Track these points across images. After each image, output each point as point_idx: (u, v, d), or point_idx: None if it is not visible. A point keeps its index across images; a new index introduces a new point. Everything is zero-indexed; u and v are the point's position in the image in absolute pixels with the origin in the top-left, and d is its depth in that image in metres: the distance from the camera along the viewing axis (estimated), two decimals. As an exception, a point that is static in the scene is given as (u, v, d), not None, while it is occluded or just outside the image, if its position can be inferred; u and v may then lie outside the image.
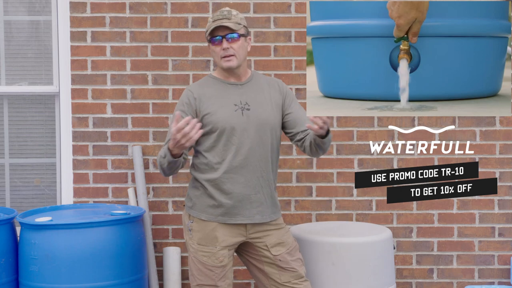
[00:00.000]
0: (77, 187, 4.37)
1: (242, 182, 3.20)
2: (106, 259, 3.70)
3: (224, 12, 3.22)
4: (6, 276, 3.82)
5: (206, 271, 3.20)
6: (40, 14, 4.47)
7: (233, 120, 3.20)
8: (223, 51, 3.20)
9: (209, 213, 3.22)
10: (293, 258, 3.29)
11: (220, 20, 3.20)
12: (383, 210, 4.41)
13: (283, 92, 3.38)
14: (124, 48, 4.34)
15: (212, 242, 3.21)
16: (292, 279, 3.26)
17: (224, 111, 3.20)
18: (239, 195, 3.20)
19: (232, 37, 3.20)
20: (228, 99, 3.24)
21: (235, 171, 3.19)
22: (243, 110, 3.23)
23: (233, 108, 3.22)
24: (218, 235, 3.20)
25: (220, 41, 3.20)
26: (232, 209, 3.20)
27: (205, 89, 3.26)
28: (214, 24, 3.20)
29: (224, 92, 3.26)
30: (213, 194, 3.20)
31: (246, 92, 3.28)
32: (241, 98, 3.25)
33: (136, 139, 4.36)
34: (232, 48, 3.20)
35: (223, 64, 3.22)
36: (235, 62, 3.22)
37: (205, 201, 3.22)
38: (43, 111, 4.48)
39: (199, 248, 3.22)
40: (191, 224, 3.26)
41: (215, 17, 3.22)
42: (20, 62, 4.49)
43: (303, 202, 4.39)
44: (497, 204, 4.42)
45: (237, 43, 3.21)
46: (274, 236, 3.28)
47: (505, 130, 4.40)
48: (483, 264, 4.43)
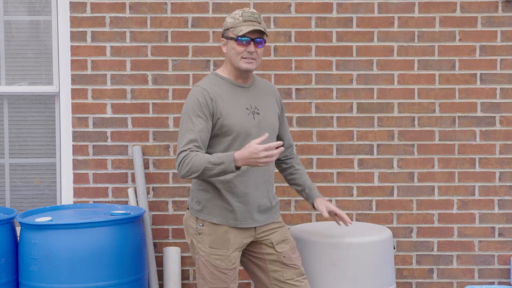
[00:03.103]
0: (77, 187, 4.37)
1: (252, 186, 3.20)
2: (106, 259, 3.70)
3: (255, 14, 3.18)
4: (6, 276, 3.82)
5: (219, 274, 3.19)
6: (40, 14, 4.47)
7: (247, 124, 3.18)
8: (247, 53, 3.15)
9: (222, 216, 3.20)
10: (295, 255, 3.32)
11: (253, 22, 3.15)
12: (383, 210, 4.41)
13: (279, 102, 3.41)
14: (124, 48, 4.34)
15: (225, 245, 3.19)
16: (295, 276, 3.27)
17: (238, 114, 3.18)
18: (249, 198, 3.19)
19: (259, 42, 3.17)
20: (240, 102, 3.21)
21: (247, 174, 3.18)
22: (254, 114, 3.22)
23: (246, 112, 3.20)
24: (230, 238, 3.19)
25: (248, 43, 3.15)
26: (242, 213, 3.20)
27: (218, 89, 3.20)
28: (248, 26, 3.13)
29: (235, 94, 3.22)
30: (226, 196, 3.18)
31: (253, 95, 3.27)
32: (250, 102, 3.24)
33: (136, 139, 4.36)
34: (256, 53, 3.17)
35: (242, 64, 3.17)
36: (254, 65, 3.19)
37: (216, 204, 3.20)
38: (43, 111, 4.48)
39: (212, 251, 3.20)
40: (201, 227, 3.22)
41: (246, 17, 3.16)
42: (20, 62, 4.49)
43: (303, 202, 4.39)
44: (497, 204, 4.42)
45: (260, 49, 3.19)
46: (278, 233, 3.30)
47: (505, 130, 4.40)
48: (483, 264, 4.43)
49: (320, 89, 4.37)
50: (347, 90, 4.37)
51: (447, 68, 4.37)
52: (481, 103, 4.39)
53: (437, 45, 4.36)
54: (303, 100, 4.37)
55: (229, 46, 3.19)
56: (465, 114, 4.39)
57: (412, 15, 4.36)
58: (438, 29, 4.36)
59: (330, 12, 4.35)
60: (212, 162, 2.99)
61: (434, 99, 4.38)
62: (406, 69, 4.37)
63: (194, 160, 3.02)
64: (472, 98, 4.39)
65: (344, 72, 4.37)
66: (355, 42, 4.36)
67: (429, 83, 4.37)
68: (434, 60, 4.37)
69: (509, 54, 4.37)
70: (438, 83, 4.38)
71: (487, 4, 4.35)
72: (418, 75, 4.38)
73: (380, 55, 4.37)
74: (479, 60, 4.37)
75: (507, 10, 4.35)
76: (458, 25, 4.36)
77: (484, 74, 4.38)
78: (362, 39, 4.36)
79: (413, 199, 4.40)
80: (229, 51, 3.19)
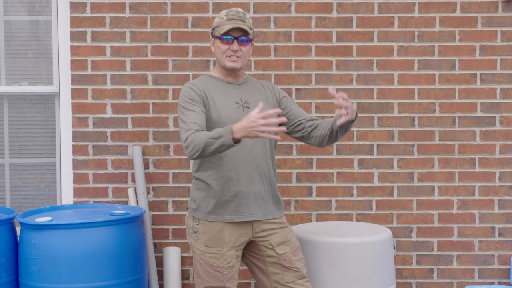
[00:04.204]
0: (77, 187, 4.37)
1: (246, 179, 3.20)
2: (106, 259, 3.70)
3: (240, 13, 3.22)
4: (6, 276, 3.82)
5: (214, 272, 3.20)
6: (40, 14, 4.47)
7: (236, 116, 3.20)
8: (230, 51, 3.21)
9: (215, 214, 3.21)
10: (297, 258, 3.30)
11: (236, 21, 3.19)
12: (383, 210, 4.41)
13: (276, 92, 3.41)
14: (124, 48, 4.34)
15: (220, 243, 3.20)
16: (295, 279, 3.26)
17: (227, 107, 3.21)
18: (243, 192, 3.20)
19: (243, 41, 3.21)
20: (229, 96, 3.25)
21: (238, 168, 3.19)
22: (243, 108, 3.24)
23: (235, 106, 3.23)
24: (225, 236, 3.20)
25: (231, 41, 3.20)
26: (237, 207, 3.20)
27: (208, 85, 3.26)
28: (230, 24, 3.19)
29: (224, 90, 3.26)
30: (219, 192, 3.19)
31: (244, 91, 3.30)
32: (240, 96, 3.27)
33: (136, 139, 4.36)
34: (241, 51, 3.22)
35: (226, 63, 3.23)
36: (240, 64, 3.23)
37: (210, 202, 3.21)
38: (43, 111, 4.48)
39: (206, 250, 3.21)
40: (197, 226, 3.24)
41: (230, 16, 3.21)
42: (20, 62, 4.49)
43: (303, 202, 4.39)
44: (497, 204, 4.42)
45: (246, 47, 3.23)
46: (279, 235, 3.29)
47: (505, 130, 4.40)
48: (483, 264, 4.43)
49: (320, 89, 4.37)
50: (347, 90, 4.37)
51: (447, 68, 4.37)
52: (481, 103, 4.39)
53: (437, 45, 4.36)
54: (303, 100, 4.37)
55: (216, 45, 3.26)
56: (465, 114, 4.39)
57: (412, 15, 4.36)
58: (438, 29, 4.36)
59: (330, 12, 4.35)
60: (212, 137, 2.97)
61: (434, 99, 4.38)
62: (406, 69, 4.37)
63: (197, 137, 3.02)
64: (472, 98, 4.39)
65: (344, 72, 4.37)
66: (355, 42, 4.36)
67: (429, 83, 4.38)
68: (434, 60, 4.37)
69: (509, 54, 4.37)
70: (438, 83, 4.38)
71: (487, 4, 4.36)
72: (418, 75, 4.38)
73: (380, 55, 4.37)
74: (479, 60, 4.37)
75: (507, 10, 4.36)
76: (458, 25, 4.36)
77: (484, 74, 4.38)
78: (362, 39, 4.36)
79: (413, 199, 4.40)
80: (216, 50, 3.27)
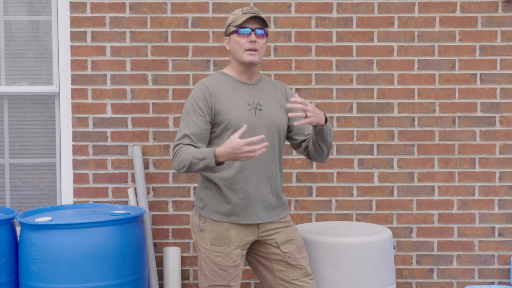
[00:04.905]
0: (77, 187, 4.37)
1: (254, 182, 3.20)
2: (106, 259, 3.70)
3: (255, 8, 3.21)
4: (6, 276, 3.82)
5: (219, 271, 3.20)
6: (40, 14, 4.47)
7: (248, 119, 3.18)
8: (249, 44, 3.16)
9: (222, 214, 3.21)
10: (301, 255, 3.31)
11: (251, 13, 3.18)
12: (383, 210, 4.41)
13: (288, 96, 3.38)
14: (124, 48, 4.34)
15: (226, 242, 3.20)
16: (300, 276, 3.27)
17: (238, 109, 3.18)
18: (251, 195, 3.19)
19: (261, 33, 3.18)
20: (241, 97, 3.22)
21: (247, 171, 3.19)
22: (255, 110, 3.22)
23: (247, 107, 3.20)
24: (231, 235, 3.20)
25: (249, 34, 3.17)
26: (244, 210, 3.20)
27: (219, 85, 3.23)
28: (246, 15, 3.17)
29: (237, 90, 3.23)
30: (226, 194, 3.19)
31: (257, 92, 3.27)
32: (253, 98, 3.24)
33: (136, 139, 4.37)
34: (258, 44, 3.18)
35: (245, 57, 3.18)
36: (257, 57, 3.19)
37: (217, 201, 3.21)
38: (43, 111, 4.48)
39: (212, 248, 3.21)
40: (203, 224, 3.24)
41: (245, 10, 3.20)
42: (20, 62, 4.49)
43: (303, 202, 4.39)
44: (497, 204, 4.42)
45: (263, 40, 3.21)
46: (284, 233, 3.30)
47: (505, 130, 4.40)
48: (483, 264, 4.43)
49: (320, 89, 4.37)
50: (347, 90, 4.37)
51: (447, 68, 4.37)
52: (481, 103, 4.39)
53: (437, 45, 4.36)
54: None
55: (232, 40, 3.21)
56: (465, 114, 4.39)
57: (412, 15, 4.36)
58: (438, 29, 4.36)
59: (330, 12, 4.35)
60: (196, 157, 3.00)
61: (434, 99, 4.38)
62: (406, 69, 4.37)
63: (184, 154, 3.05)
64: (472, 98, 4.39)
65: (344, 72, 4.37)
66: (355, 42, 4.36)
67: (429, 83, 4.38)
68: (434, 60, 4.37)
69: (509, 54, 4.37)
70: (438, 83, 4.38)
71: (487, 4, 4.36)
72: (418, 75, 4.38)
73: (380, 55, 4.37)
74: (479, 60, 4.37)
75: (507, 10, 4.36)
76: (458, 25, 4.36)
77: (484, 74, 4.38)
78: (362, 39, 4.36)
79: (413, 199, 4.40)
80: (232, 45, 3.22)
